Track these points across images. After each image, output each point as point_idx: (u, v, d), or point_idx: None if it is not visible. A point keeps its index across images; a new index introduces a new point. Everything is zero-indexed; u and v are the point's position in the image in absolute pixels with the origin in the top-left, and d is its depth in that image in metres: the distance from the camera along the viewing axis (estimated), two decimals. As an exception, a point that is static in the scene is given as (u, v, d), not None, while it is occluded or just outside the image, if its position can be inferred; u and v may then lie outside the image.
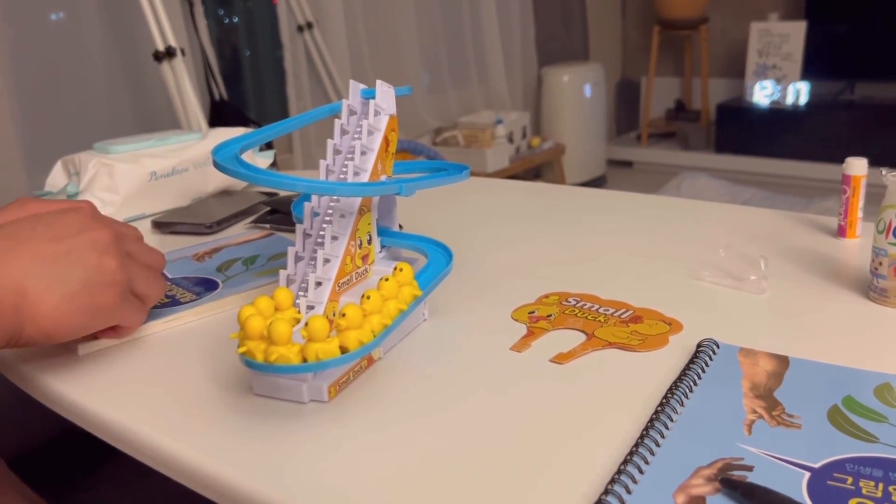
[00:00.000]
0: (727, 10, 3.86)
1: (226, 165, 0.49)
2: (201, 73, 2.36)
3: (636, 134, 4.11)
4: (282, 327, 0.43)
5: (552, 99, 3.55)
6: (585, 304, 0.63)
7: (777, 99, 3.53)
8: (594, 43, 4.00)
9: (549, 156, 3.38)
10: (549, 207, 0.94)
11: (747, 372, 0.50)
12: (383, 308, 0.47)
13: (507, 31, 3.44)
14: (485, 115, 3.25)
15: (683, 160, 3.73)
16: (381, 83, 0.57)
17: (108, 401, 0.53)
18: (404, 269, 0.50)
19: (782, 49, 3.52)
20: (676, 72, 4.14)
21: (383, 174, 0.57)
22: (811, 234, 0.77)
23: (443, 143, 3.10)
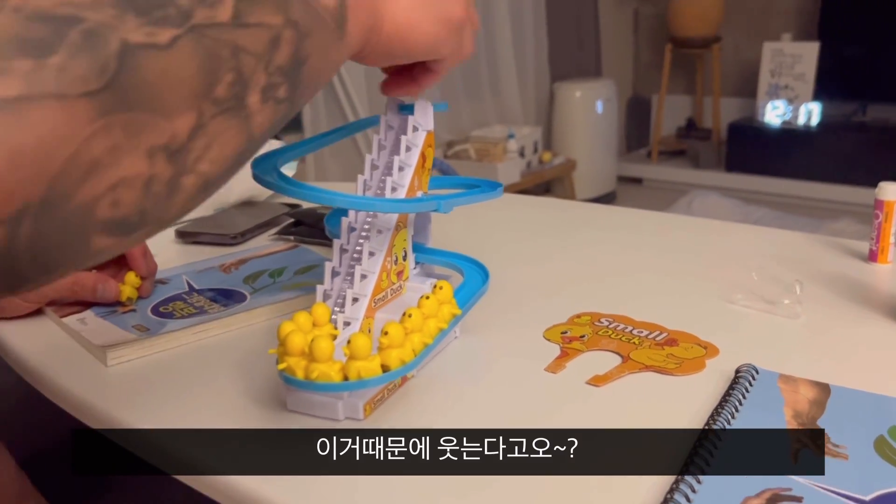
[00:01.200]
0: (740, 30, 3.86)
1: (267, 179, 0.49)
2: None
3: (647, 151, 4.11)
4: (324, 344, 0.43)
5: (564, 114, 3.56)
6: (619, 326, 0.62)
7: (789, 119, 3.53)
8: (606, 59, 4.00)
9: (560, 171, 3.38)
10: (570, 224, 0.93)
11: (789, 399, 0.49)
12: (423, 327, 0.47)
13: (520, 46, 3.45)
14: (497, 129, 3.26)
15: (694, 178, 3.73)
16: (421, 99, 0.57)
17: (137, 413, 0.53)
18: (444, 287, 0.50)
19: (795, 69, 3.52)
20: (688, 90, 4.14)
21: (419, 190, 0.57)
22: (842, 258, 0.76)
23: (454, 156, 3.11)
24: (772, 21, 3.75)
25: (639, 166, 3.99)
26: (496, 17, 3.32)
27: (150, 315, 0.66)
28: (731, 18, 3.81)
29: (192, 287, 0.72)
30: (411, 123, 0.56)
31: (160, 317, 0.65)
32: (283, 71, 0.36)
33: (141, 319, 0.65)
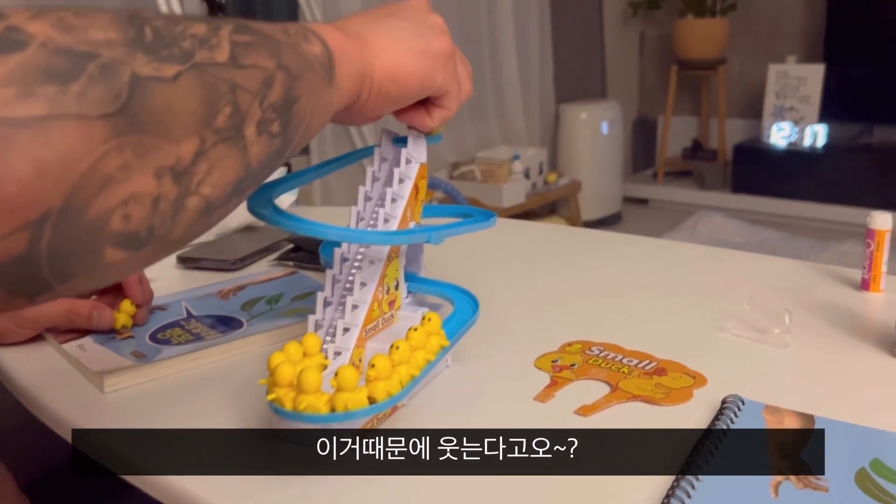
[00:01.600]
0: (745, 52, 3.88)
1: (261, 211, 0.50)
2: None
3: (653, 172, 4.12)
4: (312, 376, 0.43)
5: (569, 135, 3.57)
6: (609, 354, 0.63)
7: (794, 141, 3.54)
8: (612, 81, 4.02)
9: (566, 192, 3.39)
10: (567, 249, 0.94)
11: (772, 431, 0.50)
12: (411, 358, 0.48)
13: (525, 68, 3.47)
14: (502, 150, 3.27)
15: (699, 199, 3.73)
16: (413, 132, 0.58)
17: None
18: (433, 318, 0.51)
19: (800, 91, 3.53)
20: (694, 111, 4.15)
21: (412, 221, 0.58)
22: (834, 287, 0.77)
23: (460, 177, 3.12)
24: (777, 43, 3.77)
25: (645, 187, 4.00)
26: (501, 39, 3.35)
27: (148, 342, 0.67)
28: (737, 41, 3.82)
29: (190, 313, 0.73)
30: (404, 156, 0.57)
31: (158, 343, 0.66)
32: (276, 108, 0.39)
33: (139, 346, 0.66)
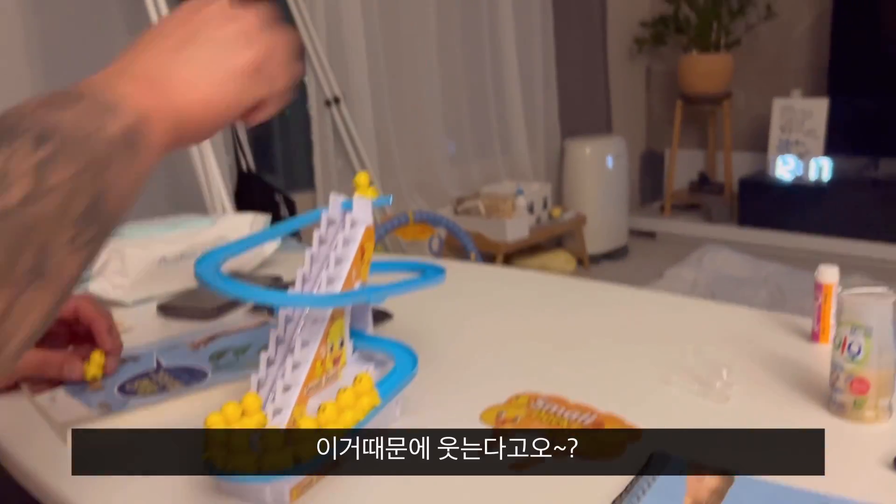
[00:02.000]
0: (751, 86, 3.91)
1: (205, 279, 0.53)
2: (230, 145, 2.45)
3: (660, 205, 4.13)
4: (238, 440, 0.46)
5: (574, 170, 3.60)
6: (553, 408, 0.65)
7: (800, 174, 3.55)
8: (618, 115, 4.06)
9: (571, 226, 3.41)
10: (535, 298, 0.96)
11: (692, 488, 0.52)
12: (339, 419, 0.50)
13: (530, 104, 3.52)
14: (507, 185, 3.31)
15: (706, 232, 3.74)
16: (359, 197, 0.61)
17: (86, 491, 0.56)
18: (363, 379, 0.53)
19: (805, 125, 3.54)
20: (701, 145, 4.18)
21: (358, 280, 0.60)
22: (787, 337, 0.79)
23: (464, 212, 3.16)
24: (782, 77, 3.79)
25: (652, 220, 4.01)
26: (506, 76, 3.40)
27: (116, 393, 0.70)
28: (742, 75, 3.85)
29: (159, 365, 0.76)
30: (349, 218, 0.60)
31: (125, 394, 0.69)
32: (85, 216, 0.40)
33: (107, 397, 0.69)
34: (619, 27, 3.99)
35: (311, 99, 2.69)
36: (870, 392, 0.60)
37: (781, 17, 3.71)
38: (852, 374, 0.60)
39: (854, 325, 0.60)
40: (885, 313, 0.60)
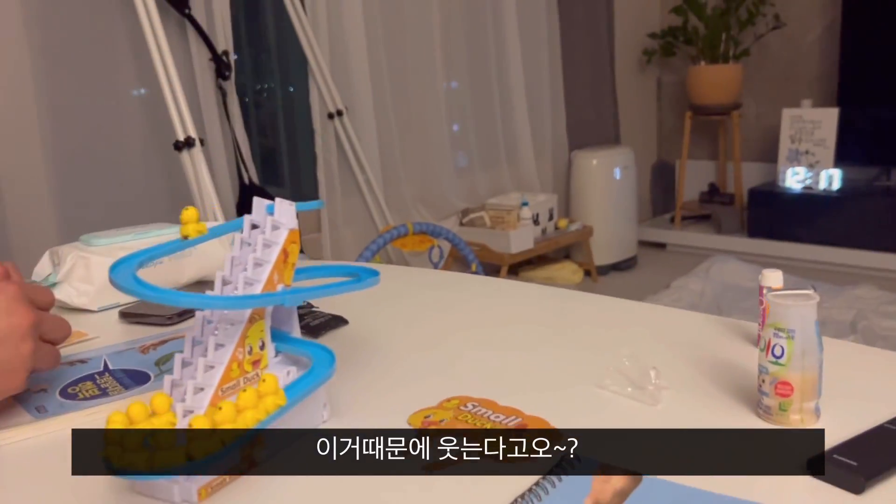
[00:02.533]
0: (760, 96, 3.88)
1: (119, 282, 0.54)
2: (232, 158, 2.48)
3: (670, 216, 4.11)
4: (131, 438, 0.47)
5: (581, 182, 3.60)
6: (481, 410, 0.65)
7: (809, 184, 3.51)
8: (626, 127, 4.05)
9: (577, 237, 3.40)
10: (489, 302, 0.96)
11: (596, 489, 0.52)
12: (237, 419, 0.51)
13: (537, 116, 3.52)
14: (513, 196, 3.31)
15: (716, 243, 3.71)
16: (281, 201, 0.62)
17: (13, 497, 0.57)
18: (267, 379, 0.54)
19: (815, 135, 3.51)
20: (711, 155, 4.15)
21: (280, 284, 0.61)
22: (734, 343, 0.78)
23: (469, 224, 3.16)
24: (791, 87, 3.77)
25: (662, 231, 3.99)
26: (513, 88, 3.40)
27: (57, 397, 0.71)
28: (751, 85, 3.83)
29: (106, 367, 0.77)
30: (270, 223, 0.61)
31: (66, 398, 0.70)
32: None
33: (45, 401, 0.70)
34: (627, 38, 3.99)
35: (315, 111, 2.72)
36: (794, 395, 0.59)
37: (791, 27, 3.69)
38: (776, 376, 0.60)
39: (776, 327, 0.59)
40: (807, 315, 0.59)
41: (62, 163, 1.98)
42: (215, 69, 2.35)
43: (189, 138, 1.83)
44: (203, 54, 2.27)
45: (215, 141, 2.32)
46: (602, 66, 3.87)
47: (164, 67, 1.80)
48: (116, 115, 2.13)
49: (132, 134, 2.16)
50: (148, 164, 2.13)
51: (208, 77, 2.31)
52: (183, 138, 1.83)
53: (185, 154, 1.84)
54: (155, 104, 2.11)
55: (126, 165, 2.11)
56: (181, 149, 1.83)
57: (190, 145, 1.83)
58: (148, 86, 2.14)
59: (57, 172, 1.96)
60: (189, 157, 1.84)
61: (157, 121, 2.12)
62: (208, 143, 2.19)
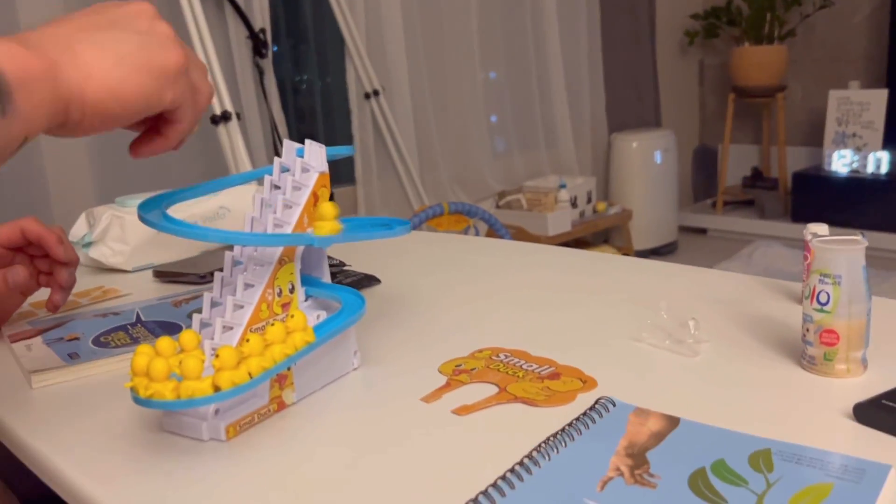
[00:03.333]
0: (806, 78, 3.79)
1: (149, 218, 0.54)
2: (269, 135, 2.49)
3: (712, 201, 4.04)
4: (158, 365, 0.46)
5: (621, 165, 3.55)
6: (513, 360, 0.63)
7: (856, 168, 3.42)
8: (668, 110, 3.98)
9: (616, 221, 3.36)
10: (530, 267, 0.94)
11: (631, 431, 0.50)
12: (266, 352, 0.50)
13: (575, 98, 3.48)
14: (551, 179, 3.28)
15: (759, 228, 3.64)
16: (311, 143, 0.61)
17: (48, 436, 0.57)
18: (296, 315, 0.53)
19: (863, 117, 3.42)
20: (755, 139, 4.07)
21: (310, 227, 0.60)
22: (775, 301, 0.75)
23: (506, 206, 3.14)
24: (839, 69, 3.67)
25: (703, 216, 3.92)
26: (551, 69, 3.36)
27: (90, 345, 0.71)
28: (797, 67, 3.74)
29: (139, 319, 0.77)
30: (300, 165, 0.60)
31: (98, 346, 0.70)
32: None
33: (78, 348, 0.70)
34: (669, 19, 3.92)
35: (351, 92, 2.71)
36: (839, 344, 0.57)
37: (838, 6, 3.59)
38: (821, 325, 0.57)
39: (822, 273, 0.57)
40: (855, 260, 0.56)
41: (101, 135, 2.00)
42: (252, 47, 2.36)
43: (226, 112, 1.83)
44: (240, 32, 2.28)
45: (252, 117, 2.32)
46: (643, 48, 3.80)
47: (201, 41, 1.80)
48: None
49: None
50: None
51: (245, 54, 2.32)
52: (220, 112, 1.83)
53: (222, 128, 1.85)
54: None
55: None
56: (218, 122, 1.84)
57: (227, 119, 1.83)
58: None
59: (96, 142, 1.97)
60: (226, 130, 1.85)
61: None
62: (245, 119, 2.20)
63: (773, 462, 0.45)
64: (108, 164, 1.98)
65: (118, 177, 1.96)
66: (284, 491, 0.46)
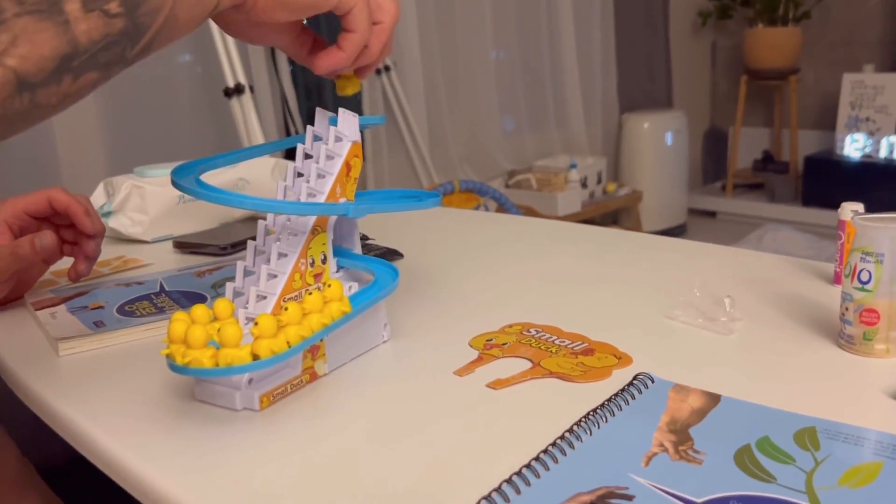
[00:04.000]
0: (820, 61, 3.75)
1: (182, 184, 0.53)
2: (280, 110, 2.47)
3: (721, 184, 4.02)
4: (197, 332, 0.46)
5: (632, 145, 3.53)
6: (545, 336, 0.63)
7: (869, 152, 3.39)
8: (681, 91, 3.95)
9: (625, 202, 3.34)
10: (554, 243, 0.94)
11: (672, 407, 0.49)
12: (303, 321, 0.49)
13: (587, 76, 3.45)
14: (561, 159, 3.26)
15: (769, 212, 3.62)
16: (344, 111, 0.60)
17: (74, 401, 0.56)
18: (333, 285, 0.52)
19: (877, 101, 3.39)
20: (767, 122, 4.04)
21: (343, 197, 0.59)
22: (808, 280, 0.75)
23: (515, 185, 3.12)
24: (853, 52, 3.63)
25: (713, 199, 3.90)
26: (563, 48, 3.33)
27: (115, 314, 0.70)
28: (811, 50, 3.71)
29: (162, 288, 0.76)
30: (334, 134, 0.59)
31: (123, 315, 0.70)
32: None
33: (103, 317, 0.69)
34: (682, 0, 3.88)
35: (362, 67, 2.69)
36: (880, 323, 0.56)
37: (854, -12, 3.55)
38: (862, 303, 0.56)
39: (864, 251, 0.56)
40: (899, 239, 0.55)
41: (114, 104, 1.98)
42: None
43: (239, 84, 1.82)
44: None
45: (263, 92, 2.31)
46: (656, 28, 3.77)
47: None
48: (167, 58, 2.13)
49: (182, 78, 2.16)
50: (196, 109, 2.13)
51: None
52: (233, 85, 1.82)
53: (235, 101, 1.83)
54: (205, 49, 2.10)
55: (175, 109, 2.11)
56: (231, 95, 1.83)
57: (240, 92, 1.82)
58: (198, 30, 2.13)
59: (108, 112, 1.96)
60: (238, 103, 1.83)
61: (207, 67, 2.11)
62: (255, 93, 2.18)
63: (818, 440, 0.45)
64: (121, 135, 1.97)
65: (130, 148, 1.95)
66: (318, 462, 0.46)
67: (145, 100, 2.02)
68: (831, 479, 0.41)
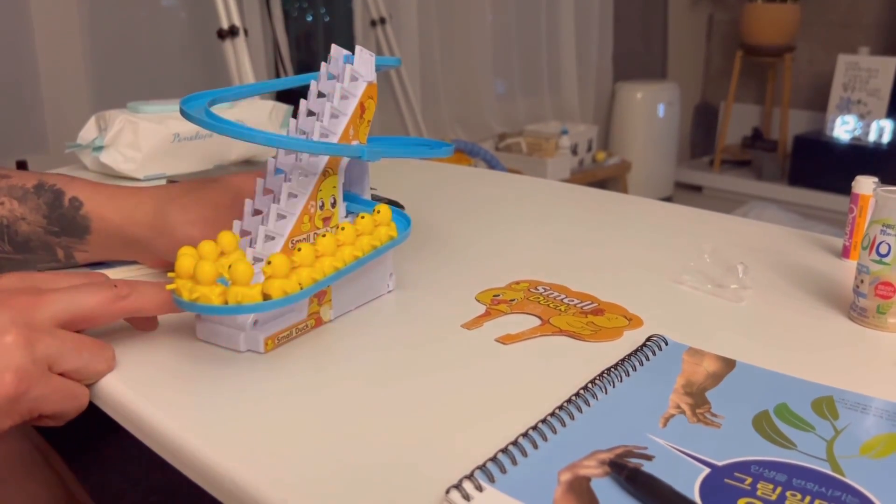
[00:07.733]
0: (816, 41, 3.74)
1: (193, 115, 0.51)
2: (271, 58, 2.42)
3: (709, 159, 4.02)
4: (206, 267, 0.44)
5: (623, 115, 3.51)
6: (552, 294, 0.62)
7: (859, 135, 3.40)
8: (675, 63, 3.93)
9: (614, 171, 3.33)
10: (557, 204, 0.92)
11: (687, 370, 0.48)
12: (315, 263, 0.47)
13: (583, 43, 3.41)
14: (552, 125, 3.23)
15: (755, 189, 3.63)
16: (361, 49, 0.57)
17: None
18: (346, 227, 0.50)
19: (870, 84, 3.39)
20: (758, 99, 4.03)
21: (355, 140, 0.57)
22: (815, 253, 0.74)
23: (505, 149, 3.10)
24: (850, 33, 3.62)
25: (700, 174, 3.90)
26: (561, 12, 3.29)
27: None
28: (808, 28, 3.69)
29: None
30: (349, 72, 0.57)
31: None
32: None
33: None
34: (683, -30, 3.84)
35: (357, 18, 2.64)
36: (895, 297, 0.55)
37: (856, -31, 3.52)
38: (878, 276, 0.56)
39: (885, 223, 0.55)
40: (921, 213, 0.55)
41: (101, 41, 1.93)
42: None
43: (233, 26, 1.77)
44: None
45: (255, 39, 2.25)
46: (654, -2, 3.73)
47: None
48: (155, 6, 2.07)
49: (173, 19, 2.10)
50: (185, 50, 2.07)
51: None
52: (227, 26, 1.77)
53: (228, 43, 1.78)
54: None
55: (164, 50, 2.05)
56: (224, 37, 1.78)
57: (234, 34, 1.77)
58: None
59: (94, 49, 1.90)
60: (232, 46, 1.79)
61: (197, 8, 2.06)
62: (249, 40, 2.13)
63: (837, 409, 0.44)
64: (106, 72, 1.91)
65: (115, 86, 1.90)
66: (322, 406, 0.45)
67: (134, 39, 1.96)
68: (852, 448, 0.40)
